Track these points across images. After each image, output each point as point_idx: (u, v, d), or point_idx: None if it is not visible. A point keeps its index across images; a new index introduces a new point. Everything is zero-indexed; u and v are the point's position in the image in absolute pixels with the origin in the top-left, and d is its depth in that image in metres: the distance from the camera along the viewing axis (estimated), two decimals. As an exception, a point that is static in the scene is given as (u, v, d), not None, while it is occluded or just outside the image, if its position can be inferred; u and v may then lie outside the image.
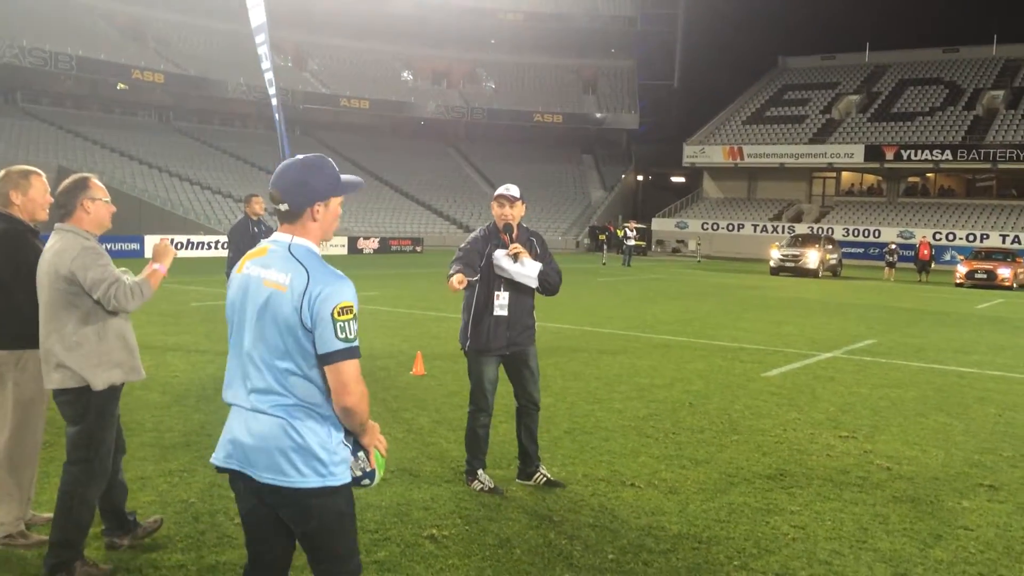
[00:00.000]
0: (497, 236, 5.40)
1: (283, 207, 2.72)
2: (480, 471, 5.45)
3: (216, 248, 32.21)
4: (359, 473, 2.81)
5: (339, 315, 2.59)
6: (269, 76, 8.95)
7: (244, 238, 10.01)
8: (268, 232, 10.29)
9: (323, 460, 2.65)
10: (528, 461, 5.60)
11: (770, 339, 13.20)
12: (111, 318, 4.00)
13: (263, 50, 9.00)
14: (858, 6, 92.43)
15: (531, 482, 5.52)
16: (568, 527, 4.83)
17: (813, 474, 6.01)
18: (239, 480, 2.76)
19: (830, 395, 8.91)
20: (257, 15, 9.02)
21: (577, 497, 5.35)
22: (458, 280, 5.18)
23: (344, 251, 37.25)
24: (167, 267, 4.20)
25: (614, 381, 9.20)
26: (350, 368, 2.61)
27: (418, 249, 41.95)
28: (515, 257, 5.28)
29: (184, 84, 51.45)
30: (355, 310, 2.64)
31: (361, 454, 2.80)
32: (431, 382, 8.77)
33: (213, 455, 2.82)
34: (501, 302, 5.36)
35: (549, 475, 5.60)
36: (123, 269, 4.26)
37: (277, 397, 2.66)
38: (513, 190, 5.42)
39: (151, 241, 30.94)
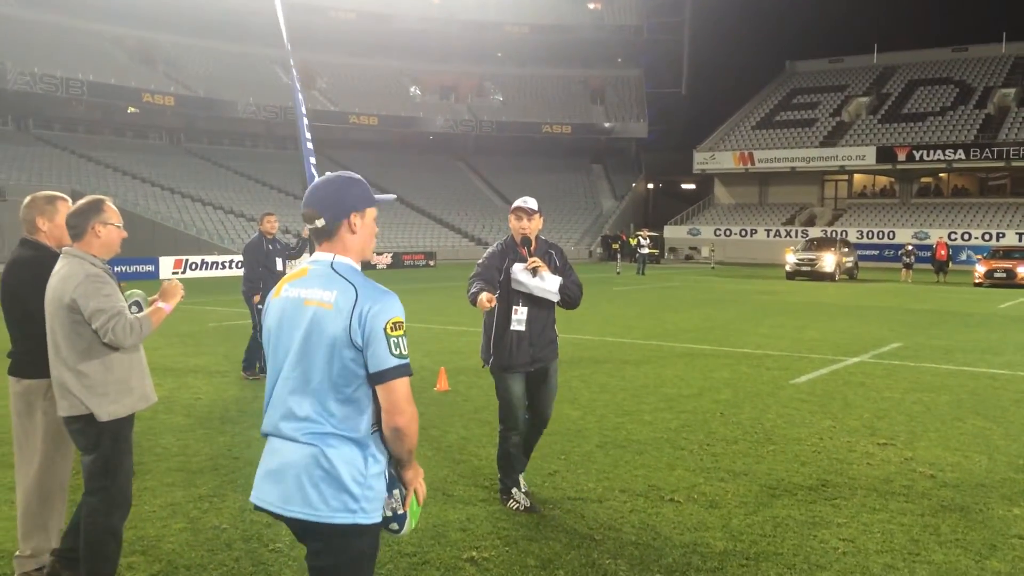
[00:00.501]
0: (515, 250, 5.24)
1: (319, 223, 2.63)
2: (515, 489, 5.29)
3: (231, 268, 32.25)
4: (389, 514, 2.65)
5: (392, 330, 2.50)
6: (299, 97, 8.89)
7: (258, 256, 10.00)
8: (284, 250, 10.25)
9: (355, 494, 2.52)
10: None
11: (794, 345, 13.03)
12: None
13: (294, 73, 8.97)
14: (865, 8, 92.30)
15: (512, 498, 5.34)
16: (611, 545, 4.70)
17: (856, 484, 5.86)
18: (282, 518, 2.63)
19: (862, 401, 8.74)
20: (284, 35, 8.98)
21: (616, 514, 5.21)
22: (488, 299, 5.02)
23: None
24: (172, 307, 4.04)
25: (641, 392, 9.06)
26: (403, 386, 2.51)
27: (431, 263, 41.92)
28: (534, 271, 5.11)
29: (194, 106, 51.71)
30: (405, 325, 2.56)
31: (397, 493, 2.65)
32: (456, 398, 8.66)
33: (252, 492, 2.69)
34: (519, 317, 5.20)
35: (527, 503, 5.33)
36: (136, 292, 4.16)
37: (313, 424, 2.54)
38: (531, 202, 5.25)
39: (166, 263, 31.01)
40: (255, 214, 45.17)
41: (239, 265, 33.39)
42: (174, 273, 31.08)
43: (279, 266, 10.14)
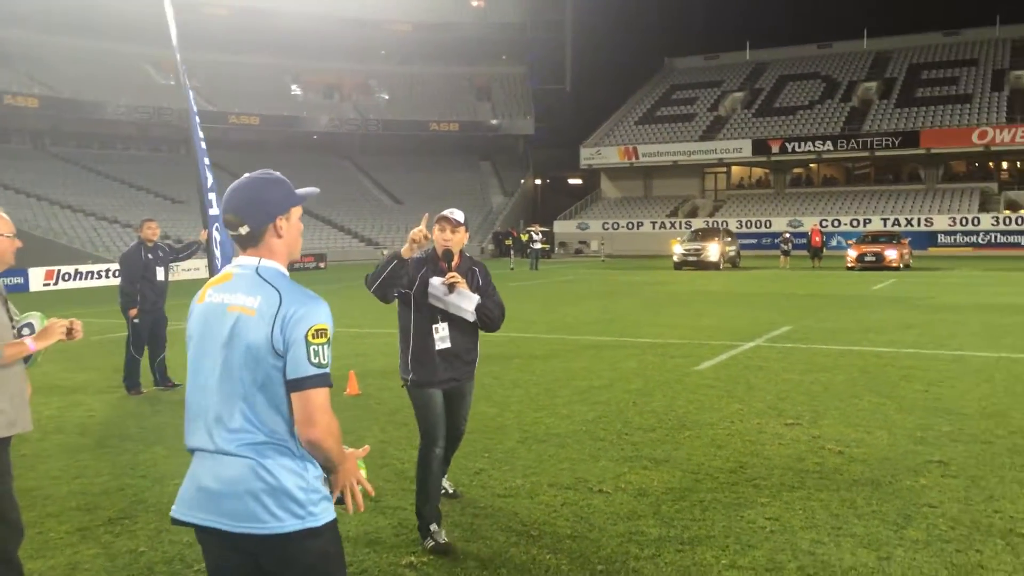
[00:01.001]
0: (435, 262, 4.82)
1: (243, 230, 2.50)
2: (434, 525, 4.70)
3: (107, 277, 30.74)
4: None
5: (313, 338, 2.37)
6: (191, 95, 8.47)
7: (136, 267, 9.54)
8: (165, 257, 9.77)
9: (300, 500, 2.40)
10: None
11: (692, 333, 13.38)
12: None
13: (183, 70, 8.52)
14: (737, 7, 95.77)
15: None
16: (548, 541, 4.69)
17: (772, 464, 6.04)
18: (209, 534, 2.46)
19: (765, 384, 9.05)
20: (173, 33, 8.55)
21: (549, 508, 5.21)
22: (414, 237, 4.51)
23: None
24: (40, 347, 3.68)
25: (554, 386, 9.12)
26: (319, 397, 2.37)
27: (321, 265, 41.12)
28: (451, 287, 4.71)
29: (60, 107, 49.16)
30: (330, 334, 2.43)
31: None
32: (369, 401, 8.50)
33: (174, 508, 2.50)
34: (441, 334, 4.82)
35: (449, 487, 5.42)
36: (33, 314, 3.85)
37: (245, 435, 2.40)
38: (457, 214, 4.85)
39: (36, 274, 29.26)
40: (131, 220, 43.25)
41: (116, 274, 32.00)
42: (45, 285, 29.42)
43: (160, 275, 9.67)
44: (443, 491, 5.19)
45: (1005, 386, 8.64)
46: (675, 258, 34.01)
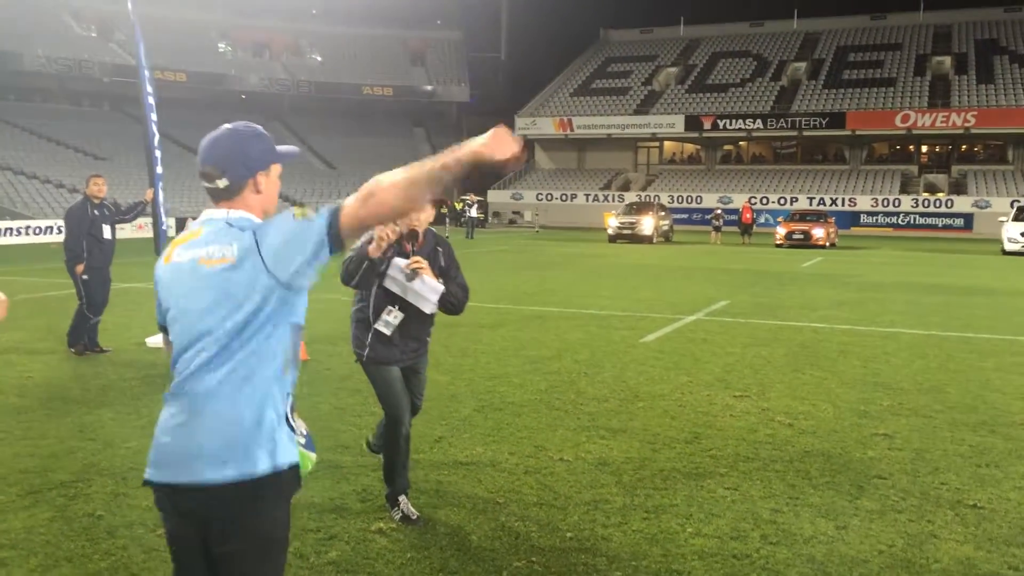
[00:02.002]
0: (398, 242, 4.46)
1: (221, 183, 2.36)
2: (403, 497, 4.66)
3: (28, 234, 29.58)
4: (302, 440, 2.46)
5: (300, 215, 2.23)
6: (141, 49, 8.11)
7: (82, 223, 9.24)
8: (112, 215, 9.50)
9: (275, 439, 2.28)
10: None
11: (633, 305, 13.55)
12: None
13: (135, 20, 8.17)
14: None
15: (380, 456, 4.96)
16: (516, 508, 4.72)
17: (726, 435, 6.19)
18: (170, 493, 2.31)
19: (710, 356, 9.23)
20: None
21: (512, 476, 5.25)
22: (381, 236, 4.25)
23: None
24: None
25: (503, 355, 9.15)
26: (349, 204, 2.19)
27: (250, 228, 40.23)
28: (413, 273, 4.41)
29: (-28, 55, 46.72)
30: (306, 210, 2.28)
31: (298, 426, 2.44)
32: (318, 367, 8.40)
33: (148, 471, 2.34)
34: (389, 319, 4.55)
35: (407, 511, 4.92)
36: None
37: (227, 374, 2.27)
38: None
39: (-51, 229, 27.98)
40: (51, 176, 41.59)
41: (37, 231, 30.79)
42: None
43: (107, 233, 9.38)
44: (402, 513, 4.76)
45: (939, 362, 9.00)
46: (609, 231, 34.32)
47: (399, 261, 4.49)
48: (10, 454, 5.54)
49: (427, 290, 4.48)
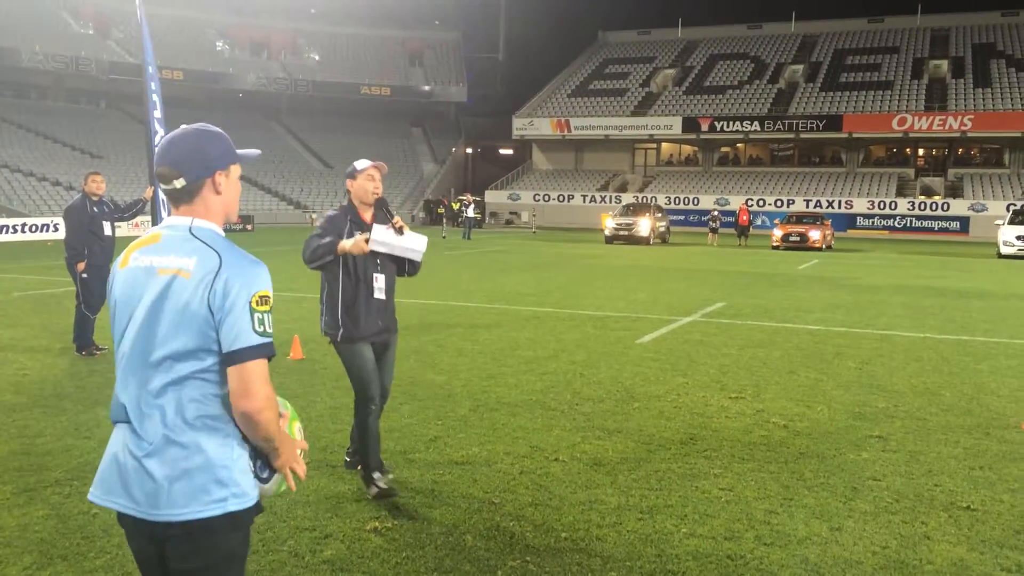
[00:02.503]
0: (357, 214, 4.93)
1: (178, 183, 2.28)
2: (377, 474, 4.85)
3: (23, 232, 29.54)
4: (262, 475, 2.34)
5: (258, 305, 2.19)
6: (148, 46, 8.11)
7: (82, 219, 9.23)
8: (111, 213, 9.52)
9: (223, 480, 2.20)
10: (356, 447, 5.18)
11: (629, 306, 13.56)
12: None
13: (142, 17, 8.17)
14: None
15: (357, 469, 5.07)
16: (510, 508, 4.73)
17: (721, 436, 6.20)
18: (127, 518, 2.26)
19: (706, 358, 9.24)
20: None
21: (507, 476, 5.25)
22: (365, 239, 4.72)
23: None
24: None
25: (499, 355, 9.15)
26: (260, 368, 2.18)
27: (248, 227, 40.26)
28: (400, 230, 4.84)
29: (-31, 52, 46.65)
30: (272, 301, 2.26)
31: (267, 475, 2.34)
32: (314, 366, 8.39)
33: (92, 489, 2.29)
34: (380, 284, 4.90)
35: (384, 485, 5.11)
36: None
37: (172, 411, 2.20)
38: (381, 165, 5.05)
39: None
40: (47, 173, 41.54)
41: (34, 229, 30.73)
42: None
43: (107, 230, 9.40)
44: (379, 489, 4.96)
45: (933, 365, 9.02)
46: (606, 232, 34.34)
47: (379, 227, 4.84)
48: (5, 451, 5.54)
49: (414, 242, 4.95)
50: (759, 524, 4.56)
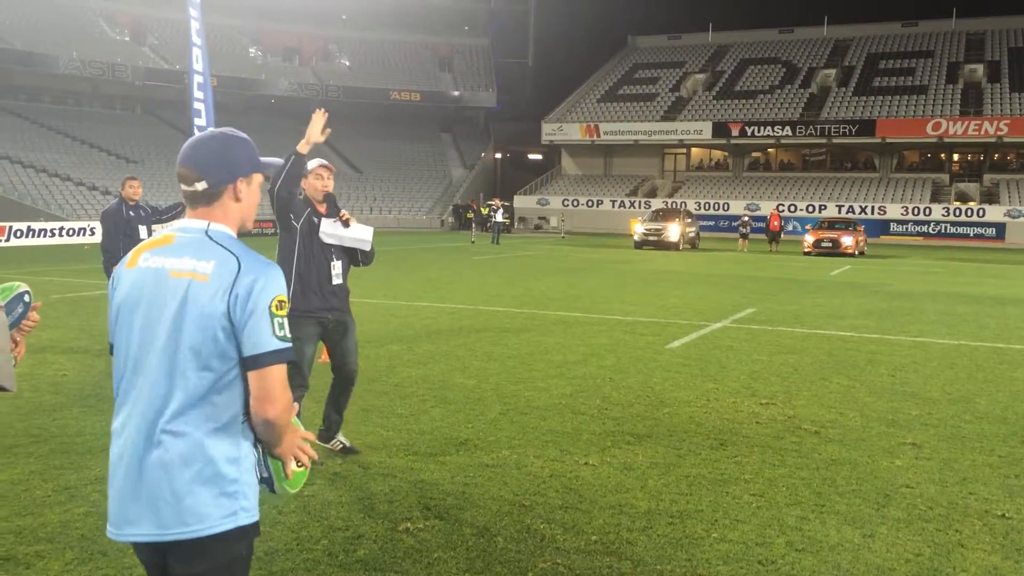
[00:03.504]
0: (314, 207, 5.39)
1: (200, 186, 2.26)
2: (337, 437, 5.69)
3: (61, 235, 30.08)
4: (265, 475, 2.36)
5: (277, 309, 2.18)
6: (198, 53, 8.28)
7: (118, 224, 9.38)
8: (148, 216, 9.65)
9: (233, 493, 2.20)
10: (330, 428, 5.68)
11: (659, 311, 13.54)
12: None
13: (194, 26, 8.34)
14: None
15: (328, 445, 5.64)
16: (541, 511, 4.75)
17: (752, 442, 6.18)
18: (148, 554, 2.25)
19: (736, 364, 9.21)
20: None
21: (538, 479, 5.28)
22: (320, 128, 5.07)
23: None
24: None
25: (528, 359, 9.18)
26: (280, 373, 2.18)
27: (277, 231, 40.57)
28: (346, 223, 5.36)
29: (10, 59, 47.61)
30: (287, 305, 2.25)
31: (262, 459, 2.34)
32: (345, 369, 8.46)
33: (111, 527, 2.26)
34: (337, 271, 5.42)
35: (347, 442, 5.71)
36: (14, 285, 3.60)
37: (183, 420, 2.17)
38: (325, 162, 5.50)
39: (-15, 229, 28.51)
40: (83, 178, 42.25)
41: (71, 232, 31.25)
42: (-5, 241, 28.66)
43: (143, 234, 9.54)
44: (340, 445, 5.65)
45: (968, 373, 8.92)
46: (636, 237, 34.27)
47: (327, 220, 5.35)
48: (46, 450, 5.66)
49: (361, 232, 5.42)
50: (790, 530, 4.54)
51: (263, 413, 2.17)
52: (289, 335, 2.22)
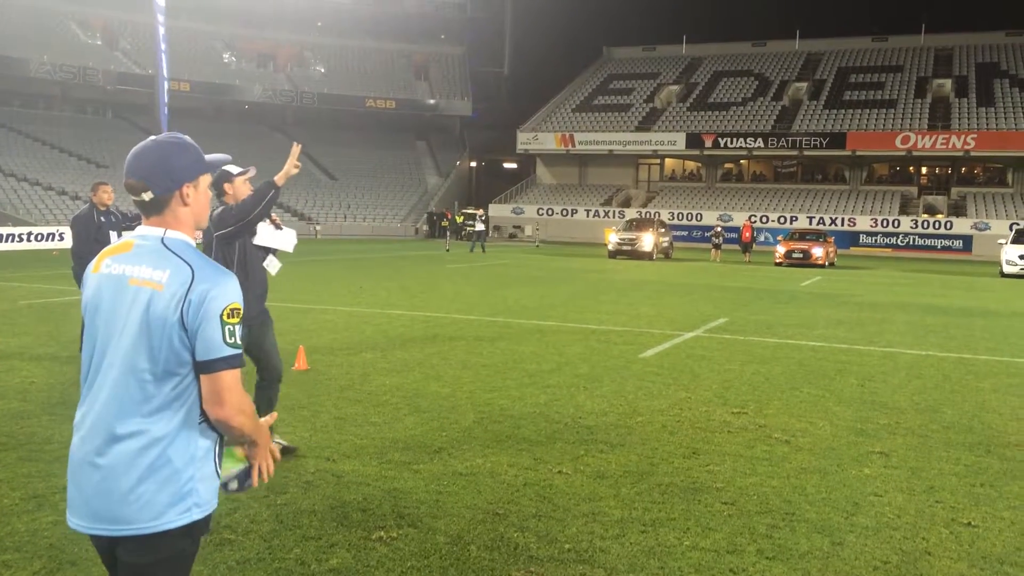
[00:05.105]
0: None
1: (147, 196, 2.34)
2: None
3: (31, 240, 29.65)
4: (232, 482, 2.47)
5: (228, 317, 2.27)
6: (163, 60, 8.23)
7: (89, 229, 9.25)
8: (120, 222, 9.54)
9: (190, 490, 2.29)
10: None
11: (632, 321, 13.61)
12: None
13: (161, 31, 8.30)
14: (675, 0, 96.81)
15: None
16: (515, 519, 4.76)
17: (724, 451, 6.23)
18: (104, 547, 2.35)
19: (708, 373, 9.28)
20: None
21: (511, 487, 5.29)
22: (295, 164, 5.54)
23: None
24: None
25: (503, 368, 9.19)
26: (230, 378, 2.28)
27: (251, 238, 40.29)
28: (277, 226, 5.87)
29: (-22, 61, 46.95)
30: (241, 313, 2.33)
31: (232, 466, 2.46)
32: (319, 376, 8.44)
33: (70, 515, 2.34)
34: (276, 267, 5.96)
35: (284, 442, 5.79)
36: None
37: (139, 420, 2.25)
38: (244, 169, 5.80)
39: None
40: (53, 183, 41.74)
41: (40, 238, 30.85)
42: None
43: (114, 239, 9.44)
44: (280, 446, 5.69)
45: (935, 383, 9.05)
46: (610, 247, 34.41)
47: (261, 224, 5.73)
48: (13, 458, 5.58)
49: (289, 235, 5.99)
50: (761, 538, 4.59)
51: (214, 413, 2.29)
52: (240, 342, 2.31)
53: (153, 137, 2.42)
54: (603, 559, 4.27)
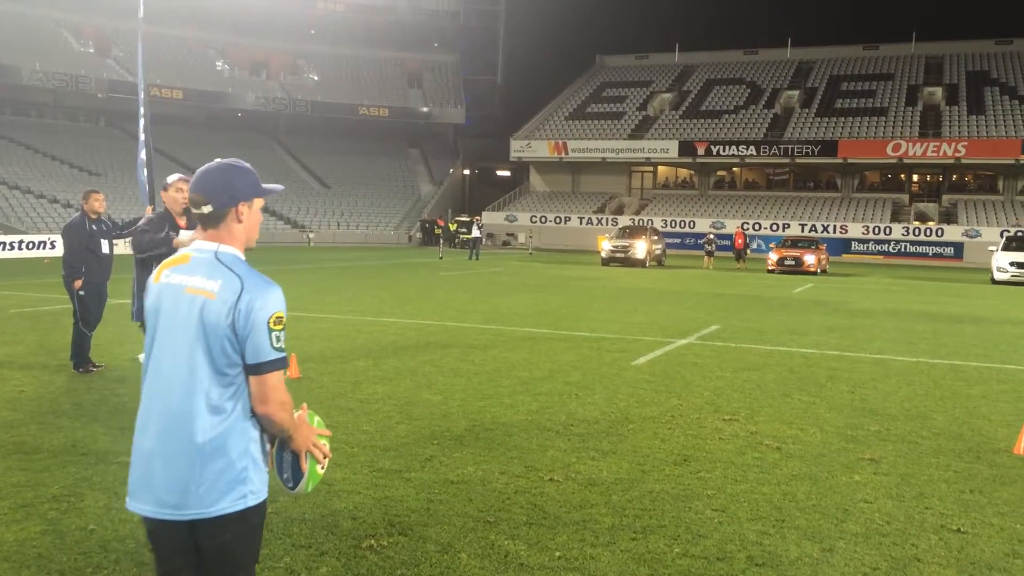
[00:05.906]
0: (172, 220, 6.24)
1: (206, 209, 2.65)
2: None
3: (22, 248, 29.56)
4: (286, 475, 2.78)
5: (274, 325, 2.56)
6: (141, 71, 8.24)
7: (80, 238, 9.24)
8: (109, 231, 9.52)
9: (246, 479, 2.59)
10: None
11: (625, 328, 13.63)
12: None
13: (140, 42, 8.31)
14: (667, 8, 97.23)
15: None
16: (505, 527, 4.76)
17: (715, 458, 6.24)
18: (166, 529, 2.61)
19: (700, 380, 9.30)
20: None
21: (502, 495, 5.29)
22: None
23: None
24: None
25: (495, 376, 9.19)
26: (275, 378, 2.58)
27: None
28: None
29: (-30, 69, 46.84)
30: (285, 320, 2.62)
31: (287, 456, 2.75)
32: (310, 384, 8.43)
33: (130, 500, 2.63)
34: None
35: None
36: None
37: (205, 414, 2.55)
38: (184, 177, 6.11)
39: (-58, 242, 27.97)
40: (45, 191, 41.64)
41: (31, 246, 30.76)
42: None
43: (105, 248, 9.41)
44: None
45: (925, 389, 9.08)
46: (603, 254, 34.46)
47: (185, 232, 5.99)
48: (2, 468, 5.56)
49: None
50: (751, 545, 4.60)
51: (260, 410, 2.58)
52: (284, 345, 2.60)
53: (219, 160, 2.73)
54: (593, 567, 4.27)
